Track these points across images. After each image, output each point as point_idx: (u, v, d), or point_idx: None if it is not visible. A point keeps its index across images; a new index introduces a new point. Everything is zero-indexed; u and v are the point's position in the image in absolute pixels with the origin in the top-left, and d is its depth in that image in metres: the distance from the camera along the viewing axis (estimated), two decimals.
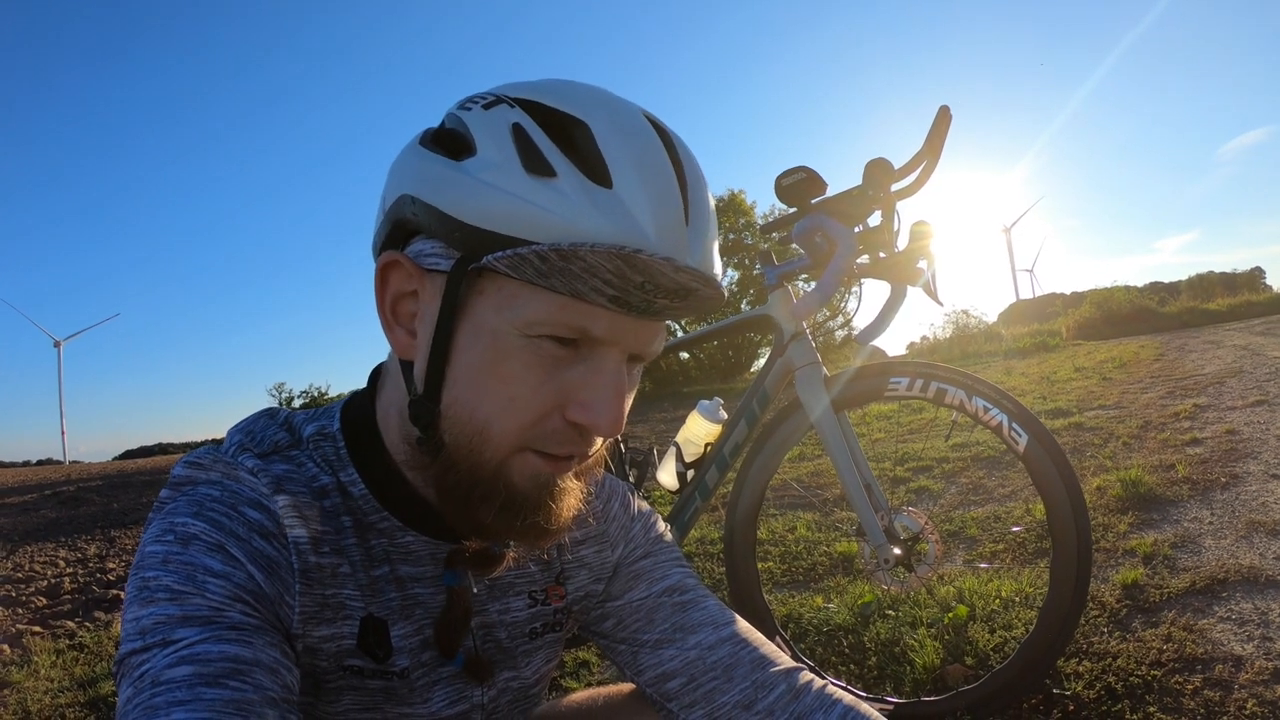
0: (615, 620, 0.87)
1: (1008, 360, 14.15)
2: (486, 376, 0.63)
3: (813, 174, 1.78)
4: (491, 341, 0.63)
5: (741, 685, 0.79)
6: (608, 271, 0.58)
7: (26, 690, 2.78)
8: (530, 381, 0.63)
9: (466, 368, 0.64)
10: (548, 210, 0.59)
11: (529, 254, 0.58)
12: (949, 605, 2.32)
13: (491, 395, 0.63)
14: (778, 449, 1.91)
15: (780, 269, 1.91)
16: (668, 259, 0.58)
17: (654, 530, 0.91)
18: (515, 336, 0.62)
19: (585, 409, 0.64)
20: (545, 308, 0.61)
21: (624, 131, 0.62)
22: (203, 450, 0.70)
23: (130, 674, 0.56)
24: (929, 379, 1.74)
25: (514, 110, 0.63)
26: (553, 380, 0.63)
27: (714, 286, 0.63)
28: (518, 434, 0.64)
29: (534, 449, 0.65)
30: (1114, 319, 20.31)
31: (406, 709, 0.74)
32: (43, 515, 8.94)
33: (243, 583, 0.61)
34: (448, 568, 0.75)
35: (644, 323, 0.65)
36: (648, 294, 0.61)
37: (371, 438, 0.73)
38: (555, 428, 0.65)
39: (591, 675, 2.31)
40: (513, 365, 0.63)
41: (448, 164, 0.63)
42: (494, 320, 0.62)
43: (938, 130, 1.70)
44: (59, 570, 5.17)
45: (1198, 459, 3.88)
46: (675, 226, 0.61)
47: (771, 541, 3.44)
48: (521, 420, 0.63)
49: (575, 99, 0.63)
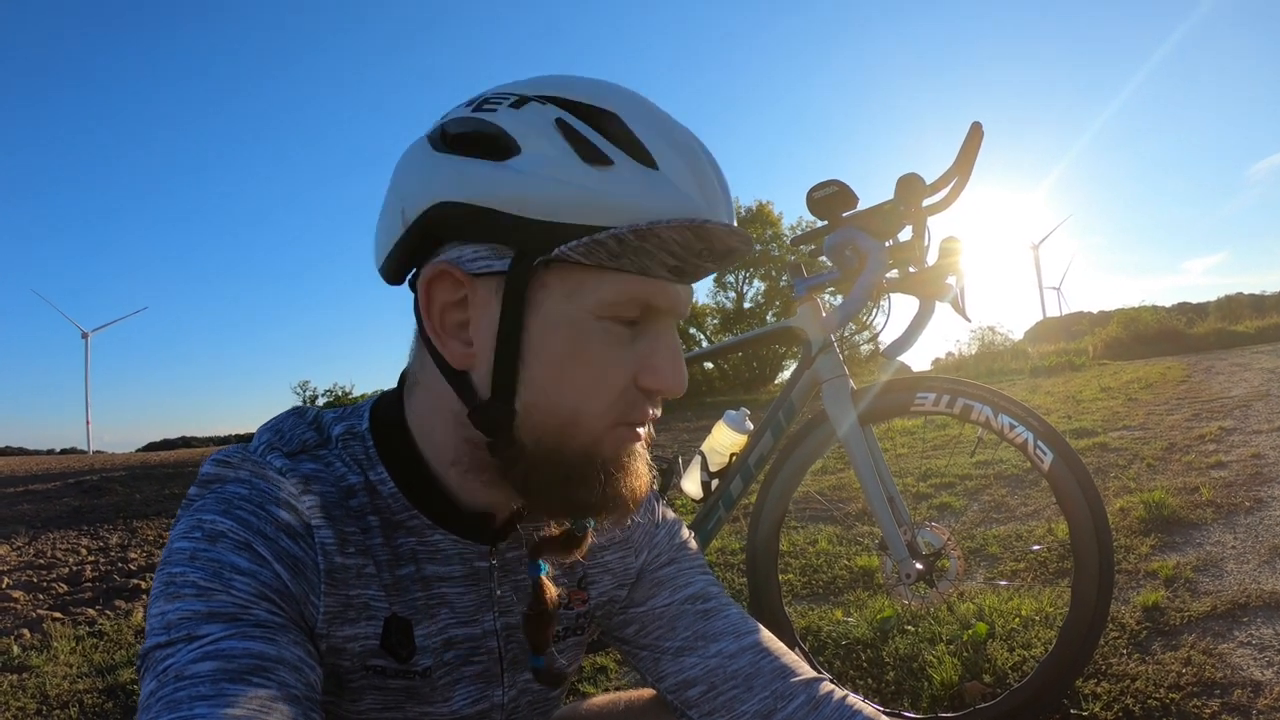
0: (638, 626, 0.88)
1: (1033, 378, 14.06)
2: (571, 365, 0.66)
3: (844, 187, 1.80)
4: (569, 331, 0.65)
5: (761, 695, 0.80)
6: (676, 244, 0.63)
7: (45, 675, 2.82)
8: (611, 360, 0.66)
9: (546, 362, 0.66)
10: (614, 196, 0.62)
11: (606, 239, 0.61)
12: (969, 622, 2.32)
13: (578, 382, 0.66)
14: (803, 461, 1.92)
15: (809, 281, 1.92)
16: (726, 225, 0.64)
17: (678, 537, 0.92)
18: (590, 321, 0.65)
19: (656, 374, 0.68)
20: (616, 288, 0.65)
21: (647, 116, 0.66)
22: (232, 449, 0.71)
23: (154, 668, 0.57)
24: (955, 395, 1.75)
25: (548, 107, 0.65)
26: (626, 355, 0.67)
27: (751, 244, 0.68)
28: (609, 411, 0.67)
29: (623, 422, 0.69)
30: (1141, 339, 20.11)
31: (428, 708, 0.75)
32: (66, 503, 9.06)
33: (269, 581, 0.62)
34: (531, 558, 0.77)
35: (687, 288, 0.70)
36: (701, 259, 0.66)
37: (402, 438, 0.74)
38: (634, 398, 0.68)
39: (609, 681, 2.33)
40: (594, 348, 0.66)
41: (492, 165, 0.63)
42: (567, 309, 0.65)
43: (969, 146, 1.71)
44: (80, 558, 5.24)
45: (1222, 482, 3.84)
46: (720, 194, 0.66)
47: (793, 554, 3.44)
48: (609, 399, 0.67)
49: (594, 91, 0.66)
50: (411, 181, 0.68)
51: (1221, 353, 15.62)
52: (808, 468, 1.95)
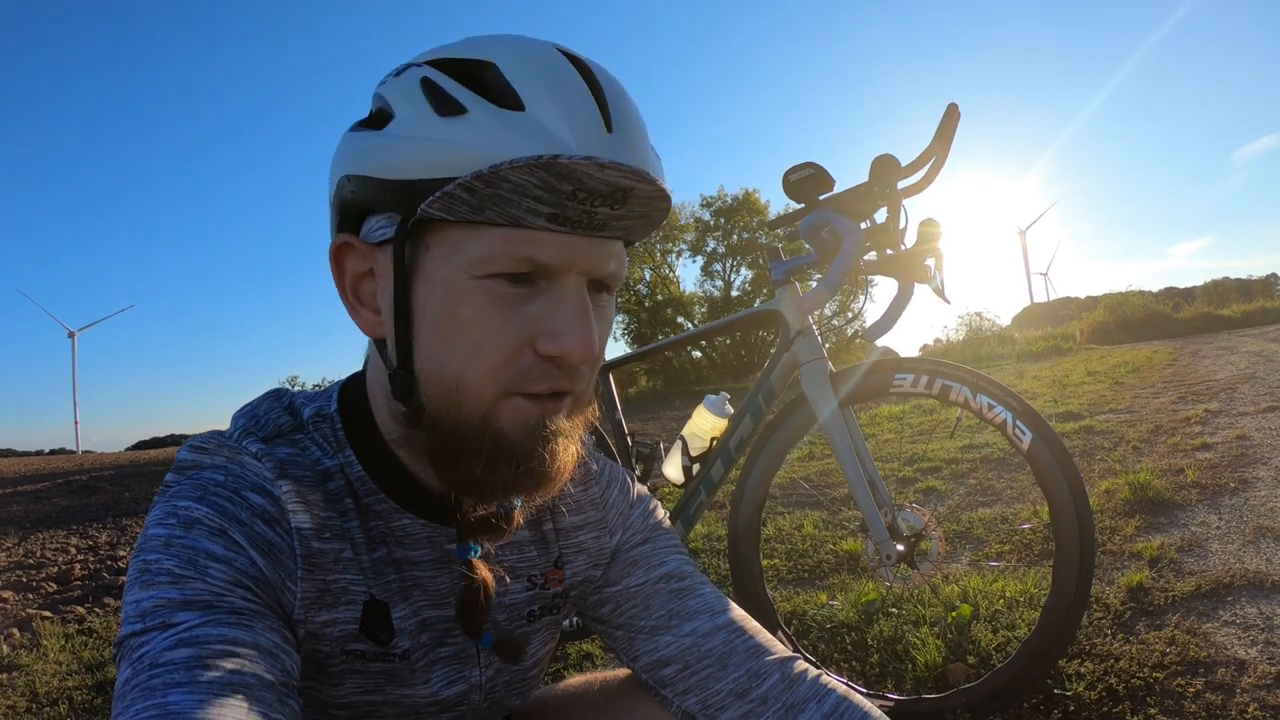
0: (612, 605, 0.87)
1: (1021, 363, 14.11)
2: (448, 328, 0.64)
3: (820, 170, 1.79)
4: (445, 291, 0.63)
5: (736, 673, 0.80)
6: (535, 187, 0.58)
7: (35, 673, 2.80)
8: (491, 322, 0.63)
9: (429, 326, 0.65)
10: (463, 143, 0.60)
11: (455, 189, 0.59)
12: (953, 604, 2.32)
13: (457, 345, 0.64)
14: (783, 444, 1.91)
15: (787, 264, 1.91)
16: (589, 158, 0.58)
17: (653, 517, 0.92)
18: (466, 280, 0.63)
19: (553, 338, 0.64)
20: (488, 243, 0.62)
21: (531, 60, 0.63)
22: (207, 435, 0.70)
23: (129, 655, 0.56)
24: (934, 375, 1.74)
25: (422, 69, 0.65)
26: (515, 318, 0.63)
27: (650, 181, 0.61)
28: (492, 378, 0.64)
29: (517, 392, 0.65)
30: (1128, 323, 20.22)
31: (409, 690, 0.75)
32: (55, 503, 9.02)
33: (244, 568, 0.61)
34: (460, 541, 0.76)
35: (594, 241, 0.65)
36: (582, 203, 0.60)
37: (367, 419, 0.74)
38: (529, 365, 0.64)
39: (595, 667, 2.32)
40: (470, 310, 0.63)
41: (373, 134, 0.65)
42: (443, 270, 0.63)
43: (946, 127, 1.70)
44: (70, 557, 5.21)
45: (1207, 464, 3.86)
46: (594, 131, 0.61)
47: (778, 539, 3.44)
48: (491, 362, 0.63)
49: (480, 46, 0.64)
50: (332, 165, 0.70)
51: (1208, 336, 15.72)
52: (788, 451, 1.94)
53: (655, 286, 26.16)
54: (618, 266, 0.68)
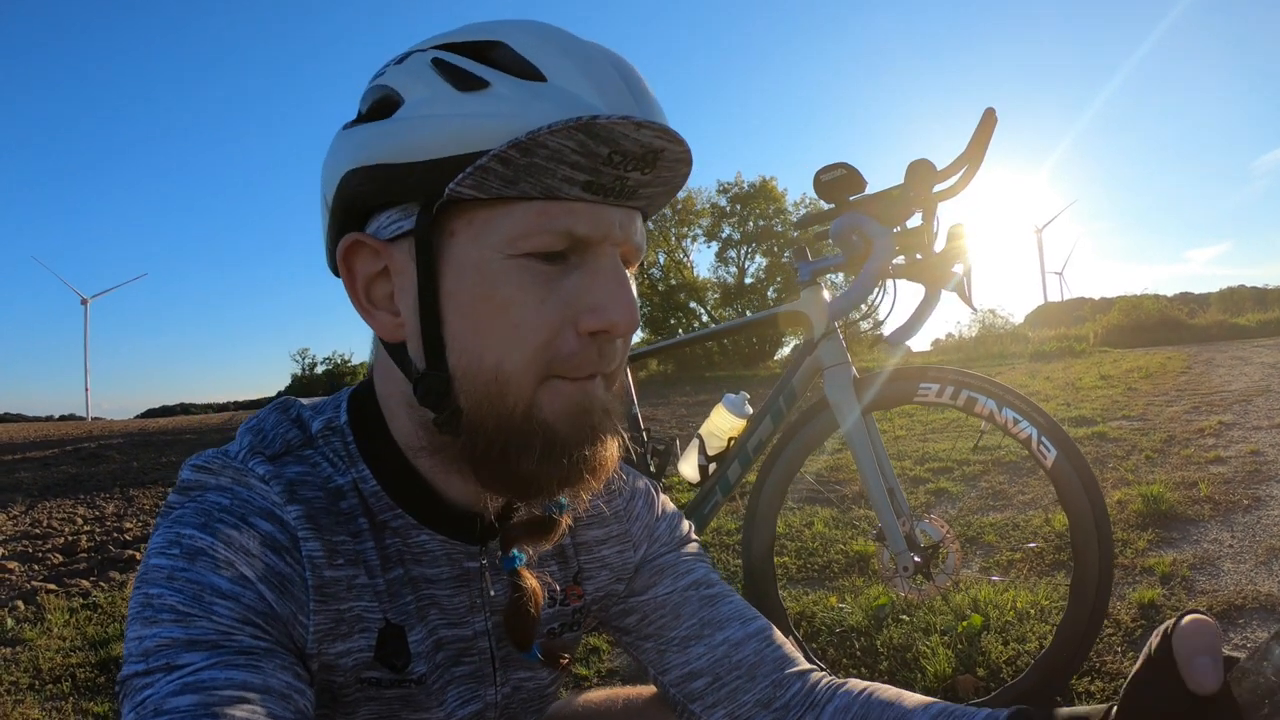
0: (639, 615, 0.85)
1: (1033, 363, 14.06)
2: (483, 313, 0.60)
3: (853, 171, 1.76)
4: (477, 275, 0.60)
5: (763, 684, 0.78)
6: (572, 152, 0.56)
7: (39, 648, 2.80)
8: (529, 301, 0.60)
9: (460, 315, 0.61)
10: (492, 115, 0.57)
11: (489, 162, 0.56)
12: (963, 614, 2.30)
13: (494, 330, 0.60)
14: (802, 449, 1.90)
15: (814, 265, 1.88)
16: (626, 117, 0.55)
17: (679, 530, 0.89)
18: (500, 260, 0.59)
19: (596, 313, 0.61)
20: (523, 218, 0.59)
21: (541, 35, 0.60)
22: (211, 453, 0.67)
23: (132, 697, 0.53)
24: (960, 386, 1.72)
25: (428, 53, 0.62)
26: (554, 296, 0.60)
27: (679, 141, 0.59)
28: (533, 362, 0.60)
29: (557, 375, 0.62)
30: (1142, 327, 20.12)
31: (425, 714, 0.73)
32: (63, 471, 9.07)
33: (252, 603, 0.58)
34: (505, 549, 0.73)
35: (624, 212, 0.62)
36: (616, 167, 0.58)
37: (380, 431, 0.70)
38: (571, 347, 0.61)
39: (601, 662, 2.32)
40: (506, 290, 0.59)
41: (381, 123, 0.61)
42: (474, 252, 0.60)
43: (982, 133, 1.67)
44: (76, 527, 5.23)
45: (1221, 479, 3.83)
46: (621, 94, 0.59)
47: (788, 536, 3.42)
48: (532, 344, 0.60)
49: (484, 29, 0.62)
50: (328, 167, 0.66)
51: (1222, 344, 15.62)
52: (807, 454, 1.92)
53: (669, 271, 26.12)
54: (642, 240, 0.66)
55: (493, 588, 0.76)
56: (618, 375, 0.67)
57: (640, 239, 0.65)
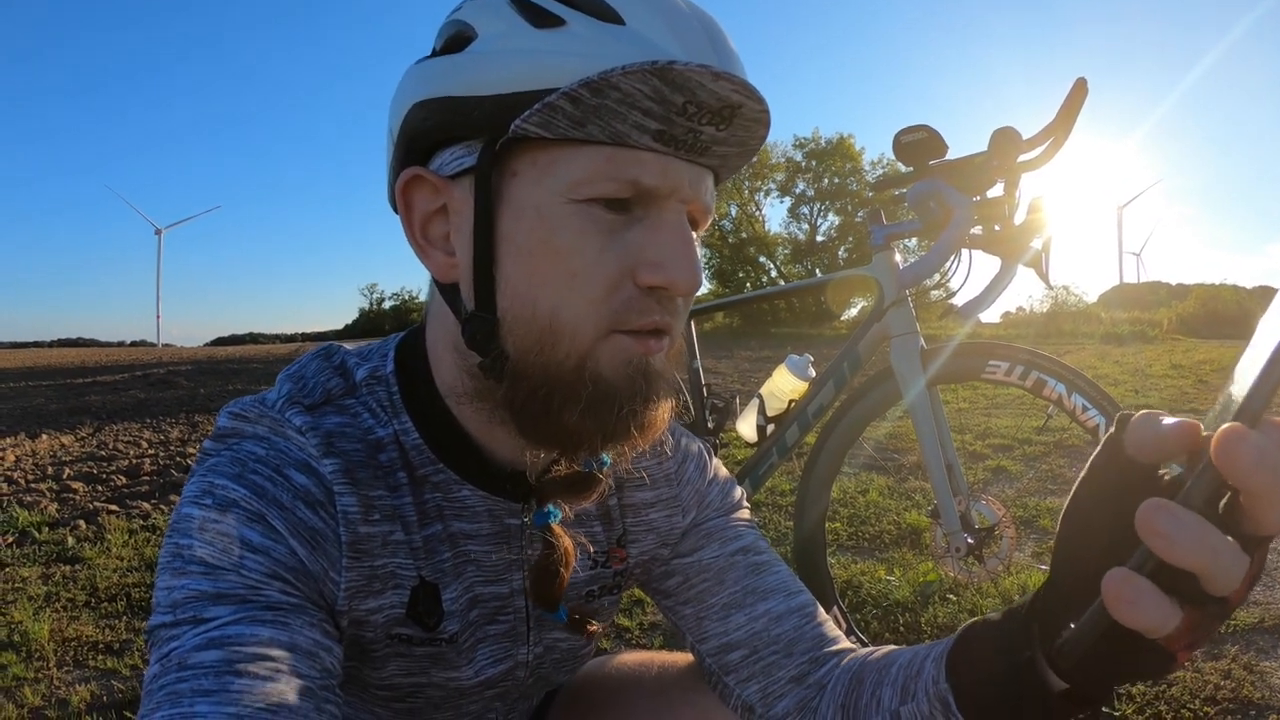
0: (681, 578, 0.82)
1: (1103, 345, 13.67)
2: (541, 258, 0.58)
3: (934, 134, 1.69)
4: (537, 218, 0.58)
5: (799, 661, 0.77)
6: (646, 98, 0.53)
7: (97, 567, 2.92)
8: (589, 250, 0.57)
9: (516, 259, 0.59)
10: (565, 53, 0.55)
11: (558, 100, 0.53)
12: (1011, 599, 2.25)
13: (551, 278, 0.58)
14: (863, 417, 1.86)
15: (889, 229, 1.82)
16: (704, 66, 0.53)
17: (731, 496, 0.87)
18: (562, 204, 0.57)
19: (657, 268, 0.58)
20: (589, 163, 0.56)
21: None
22: (248, 400, 0.65)
23: (159, 648, 0.53)
24: (1030, 367, 1.65)
25: None
26: (615, 245, 0.58)
27: (758, 99, 0.56)
28: (592, 312, 0.58)
29: (619, 329, 0.59)
30: (1217, 319, 19.40)
31: (453, 673, 0.72)
32: (132, 395, 9.41)
33: (283, 558, 0.57)
34: (539, 504, 0.71)
35: (695, 168, 0.60)
36: (691, 118, 0.55)
37: (426, 381, 0.68)
38: (630, 298, 0.59)
39: (644, 615, 2.33)
40: (566, 236, 0.57)
41: (453, 56, 0.59)
42: (535, 194, 0.58)
43: (1071, 103, 1.59)
44: (141, 451, 5.42)
45: None
46: (701, 43, 0.56)
47: (841, 502, 3.39)
48: (591, 295, 0.57)
49: None
50: (395, 101, 0.64)
51: None
52: (867, 423, 1.88)
53: (740, 224, 25.89)
54: (711, 201, 0.63)
55: (531, 547, 0.74)
56: (677, 338, 0.64)
57: (709, 200, 0.62)
